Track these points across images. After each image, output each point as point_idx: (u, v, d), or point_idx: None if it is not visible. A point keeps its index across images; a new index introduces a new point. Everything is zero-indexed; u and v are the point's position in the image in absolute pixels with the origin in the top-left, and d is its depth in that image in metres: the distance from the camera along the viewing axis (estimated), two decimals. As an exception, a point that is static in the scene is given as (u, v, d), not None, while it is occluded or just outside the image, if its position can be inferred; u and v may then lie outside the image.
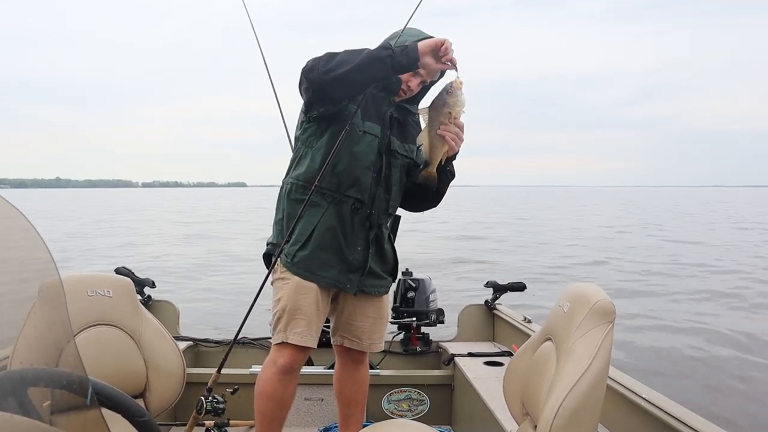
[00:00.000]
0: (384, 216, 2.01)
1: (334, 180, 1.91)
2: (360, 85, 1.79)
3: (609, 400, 1.81)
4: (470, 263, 12.42)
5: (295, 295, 1.90)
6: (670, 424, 1.62)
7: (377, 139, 1.94)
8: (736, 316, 7.83)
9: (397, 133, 2.01)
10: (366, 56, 1.71)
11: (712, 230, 23.01)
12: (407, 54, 1.70)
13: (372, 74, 1.73)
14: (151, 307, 3.07)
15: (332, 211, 1.92)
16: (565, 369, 1.34)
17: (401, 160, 2.01)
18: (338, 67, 1.71)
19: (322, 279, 1.92)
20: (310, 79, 1.76)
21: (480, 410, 2.33)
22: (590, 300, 1.39)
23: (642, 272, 11.51)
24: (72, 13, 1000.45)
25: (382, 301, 2.11)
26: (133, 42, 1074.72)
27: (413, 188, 2.07)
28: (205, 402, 1.91)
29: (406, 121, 2.05)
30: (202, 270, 11.24)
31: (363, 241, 1.96)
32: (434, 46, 1.71)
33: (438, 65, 1.74)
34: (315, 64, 1.74)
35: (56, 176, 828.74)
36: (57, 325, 0.82)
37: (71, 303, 0.82)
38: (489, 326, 3.29)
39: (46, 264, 0.79)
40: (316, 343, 1.94)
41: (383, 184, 1.96)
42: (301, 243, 1.91)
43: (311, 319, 1.91)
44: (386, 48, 1.72)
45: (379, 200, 1.96)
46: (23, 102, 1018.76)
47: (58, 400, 0.79)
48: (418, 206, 2.15)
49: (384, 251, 2.05)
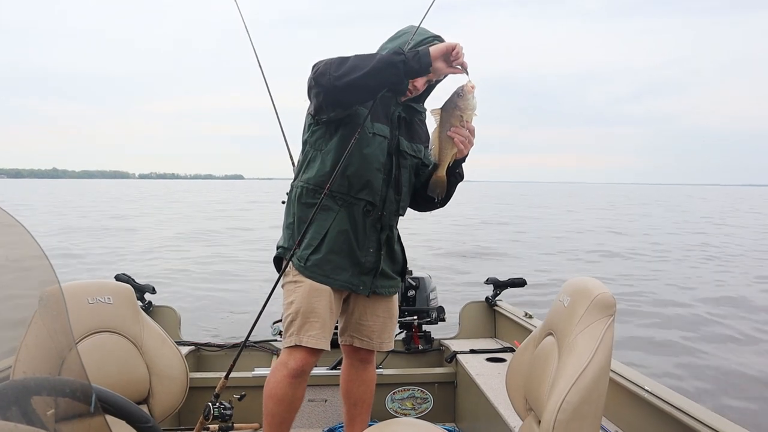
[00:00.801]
0: (394, 217, 2.02)
1: (345, 183, 1.90)
2: (372, 91, 1.78)
3: (612, 393, 1.82)
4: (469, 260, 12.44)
5: (309, 297, 1.90)
6: (674, 416, 1.63)
7: (387, 141, 1.94)
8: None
9: (405, 133, 2.01)
10: (379, 62, 1.69)
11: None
12: (419, 59, 1.69)
13: (385, 79, 1.71)
14: (152, 312, 3.07)
15: (344, 214, 1.92)
16: (568, 363, 1.34)
17: (410, 161, 2.01)
18: (350, 72, 1.69)
19: (335, 282, 1.92)
20: (322, 84, 1.74)
21: (483, 407, 2.33)
22: (591, 293, 1.39)
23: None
24: (72, 8, 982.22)
25: (392, 301, 2.12)
26: (132, 37, 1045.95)
27: (421, 189, 2.06)
28: (213, 408, 1.91)
29: (412, 120, 2.06)
30: (205, 271, 11.24)
31: (375, 243, 1.97)
32: (445, 51, 1.71)
33: (449, 70, 1.75)
34: (326, 69, 1.73)
35: (53, 167, 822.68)
36: (58, 334, 0.82)
37: (72, 311, 0.82)
38: (490, 323, 3.29)
39: (45, 272, 0.78)
40: (329, 346, 1.94)
41: (393, 185, 1.96)
42: (314, 247, 1.91)
43: (325, 321, 1.91)
44: (399, 53, 1.71)
45: (389, 202, 1.96)
46: (22, 95, 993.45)
47: (61, 409, 0.79)
48: (426, 207, 2.15)
49: (394, 252, 2.06)
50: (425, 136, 2.10)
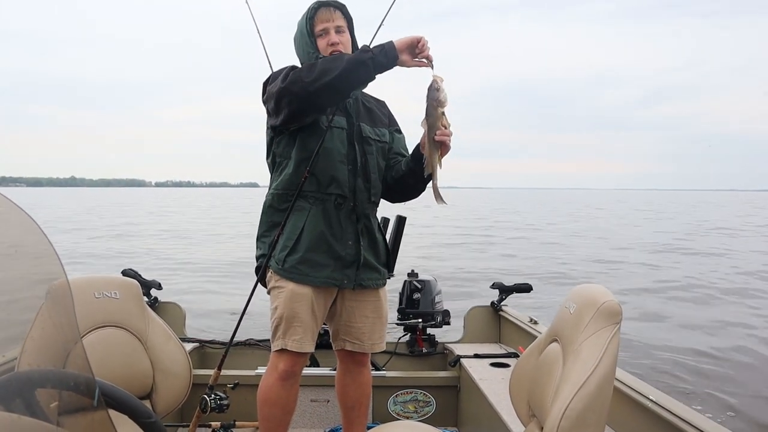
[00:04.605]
0: (368, 205, 2.01)
1: (313, 181, 1.92)
2: (345, 92, 1.83)
3: (616, 401, 1.80)
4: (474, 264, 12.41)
5: (291, 303, 1.90)
6: (678, 426, 1.61)
7: (345, 131, 1.96)
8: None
9: (366, 119, 2.03)
10: (348, 62, 1.74)
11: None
12: (386, 53, 1.73)
13: (357, 78, 1.76)
14: (158, 308, 3.09)
15: (316, 211, 1.92)
16: (572, 370, 1.34)
17: (375, 146, 2.02)
18: (322, 76, 1.73)
19: (316, 279, 1.92)
20: (294, 92, 1.77)
21: (486, 412, 2.32)
22: (597, 301, 1.38)
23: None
24: (90, 13, 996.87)
25: (379, 300, 2.09)
26: (143, 39, 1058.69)
27: (394, 184, 2.08)
28: (209, 400, 1.92)
29: (371, 106, 2.07)
30: (212, 268, 11.28)
31: (353, 235, 1.96)
32: (410, 43, 1.74)
33: (415, 63, 1.77)
34: (297, 77, 1.76)
35: (71, 175, 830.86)
36: (64, 327, 0.82)
37: (78, 305, 0.82)
38: (495, 327, 3.28)
39: (53, 266, 0.79)
40: (313, 348, 1.95)
41: (361, 173, 1.97)
42: (289, 248, 1.91)
43: (307, 325, 1.92)
44: (366, 50, 1.75)
45: (360, 191, 1.97)
46: (41, 103, 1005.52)
47: (65, 402, 0.79)
48: (398, 199, 2.16)
49: (376, 241, 2.05)
50: (387, 120, 2.12)
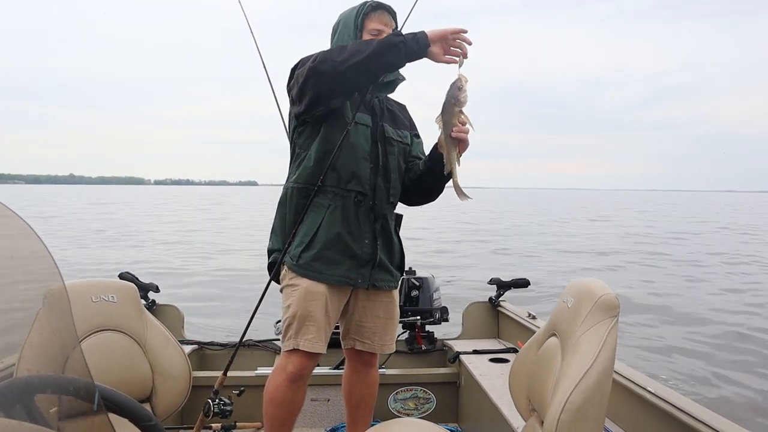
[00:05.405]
0: (387, 206, 2.00)
1: (334, 175, 1.90)
2: (375, 74, 1.78)
3: (615, 394, 1.81)
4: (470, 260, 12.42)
5: (305, 301, 1.88)
6: (677, 417, 1.62)
7: (369, 129, 1.95)
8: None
9: (389, 120, 2.02)
10: (379, 44, 1.70)
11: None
12: (417, 41, 1.69)
13: (387, 61, 1.72)
14: (156, 311, 3.08)
15: (336, 207, 1.90)
16: (571, 364, 1.34)
17: (397, 147, 2.01)
18: (353, 56, 1.70)
19: (331, 277, 1.89)
20: (324, 71, 1.72)
21: (486, 407, 2.33)
22: (594, 294, 1.38)
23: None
24: (90, 13, 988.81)
25: (392, 302, 2.09)
26: (143, 39, 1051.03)
27: (411, 185, 2.06)
28: (212, 404, 1.91)
29: (393, 108, 2.07)
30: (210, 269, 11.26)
31: (370, 234, 1.95)
32: (443, 35, 1.69)
33: (445, 58, 1.72)
34: (327, 56, 1.73)
35: (70, 173, 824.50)
36: (62, 332, 0.82)
37: (76, 309, 0.82)
38: (493, 323, 3.29)
39: (49, 270, 0.79)
40: (325, 349, 1.93)
41: (381, 173, 1.96)
42: (305, 244, 1.89)
43: (321, 325, 1.89)
44: (398, 35, 1.72)
45: (380, 190, 1.95)
46: (40, 103, 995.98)
47: (65, 407, 0.79)
48: (416, 201, 2.15)
49: (392, 243, 2.04)
50: (409, 123, 2.11)
